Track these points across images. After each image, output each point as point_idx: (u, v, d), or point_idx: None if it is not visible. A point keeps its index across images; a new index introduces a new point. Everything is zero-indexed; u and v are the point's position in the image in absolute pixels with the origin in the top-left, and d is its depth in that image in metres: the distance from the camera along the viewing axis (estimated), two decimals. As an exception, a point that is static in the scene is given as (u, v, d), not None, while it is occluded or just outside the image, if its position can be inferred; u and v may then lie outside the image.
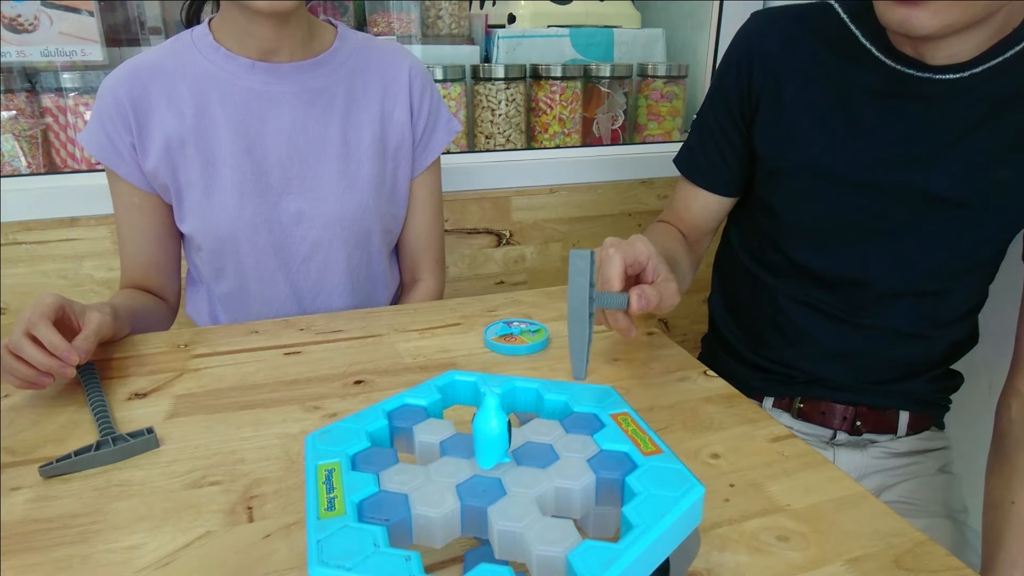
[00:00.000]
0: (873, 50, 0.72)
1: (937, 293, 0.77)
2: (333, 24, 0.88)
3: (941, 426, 0.89)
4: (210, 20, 0.84)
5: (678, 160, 0.90)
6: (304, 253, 0.87)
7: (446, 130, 0.93)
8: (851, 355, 0.82)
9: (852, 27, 0.74)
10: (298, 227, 0.85)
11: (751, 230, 0.88)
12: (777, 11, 0.81)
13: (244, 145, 0.82)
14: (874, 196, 0.75)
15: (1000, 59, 0.68)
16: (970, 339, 0.85)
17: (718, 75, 0.85)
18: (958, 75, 0.69)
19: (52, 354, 0.60)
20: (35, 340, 0.60)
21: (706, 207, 0.89)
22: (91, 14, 1.12)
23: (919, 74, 0.70)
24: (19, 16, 1.08)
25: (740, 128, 0.83)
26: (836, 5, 0.76)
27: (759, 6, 1.41)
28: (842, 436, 0.85)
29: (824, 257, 0.79)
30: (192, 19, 0.87)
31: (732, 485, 0.53)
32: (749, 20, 0.82)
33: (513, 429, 0.41)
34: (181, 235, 0.89)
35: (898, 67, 0.71)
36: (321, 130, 0.84)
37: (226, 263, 0.86)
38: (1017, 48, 0.68)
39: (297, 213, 0.85)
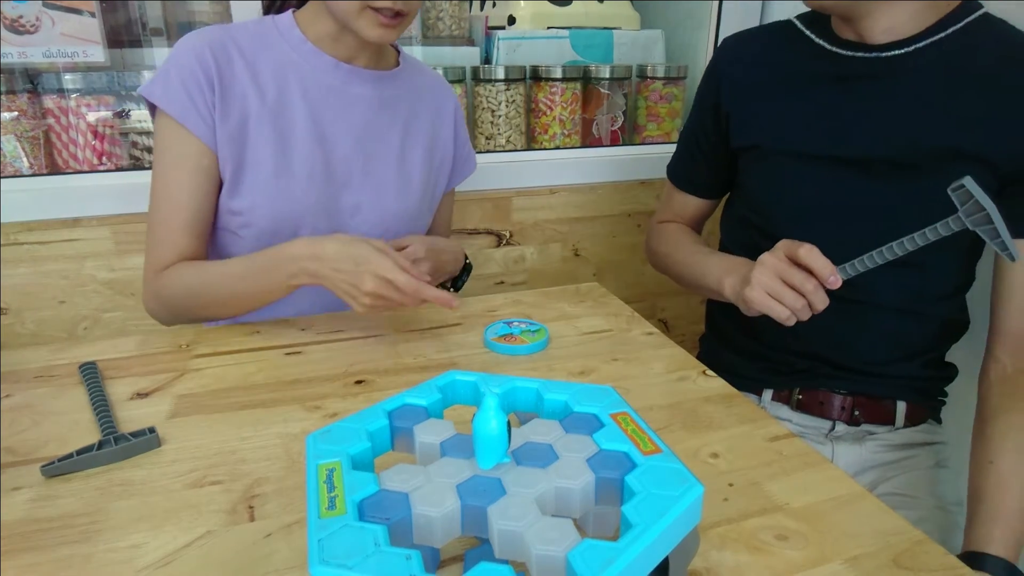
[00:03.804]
0: (825, 44, 0.82)
1: (912, 265, 0.79)
2: (394, 47, 0.94)
3: (939, 420, 0.91)
4: (294, 11, 0.86)
5: (670, 171, 1.03)
6: None
7: (470, 161, 1.04)
8: (845, 333, 0.83)
9: (807, 32, 0.85)
10: (353, 219, 0.88)
11: (739, 224, 0.92)
12: (743, 33, 0.93)
13: (317, 135, 0.85)
14: (844, 170, 0.80)
15: (943, 34, 0.75)
16: (961, 322, 0.87)
17: (696, 95, 0.97)
18: (901, 51, 0.77)
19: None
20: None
21: (699, 209, 1.02)
22: (93, 15, 1.12)
23: (867, 55, 0.79)
24: (21, 17, 1.08)
25: (713, 139, 0.94)
26: (794, 20, 0.88)
27: (758, 7, 1.42)
28: (841, 428, 0.86)
29: (804, 235, 0.81)
30: (271, 6, 0.90)
31: (731, 484, 0.53)
32: (720, 44, 0.94)
33: (513, 429, 0.41)
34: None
35: (846, 52, 0.80)
36: (385, 134, 0.90)
37: (278, 243, 0.84)
38: (961, 24, 0.75)
39: (354, 206, 0.88)
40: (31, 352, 0.74)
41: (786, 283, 0.71)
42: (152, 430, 0.57)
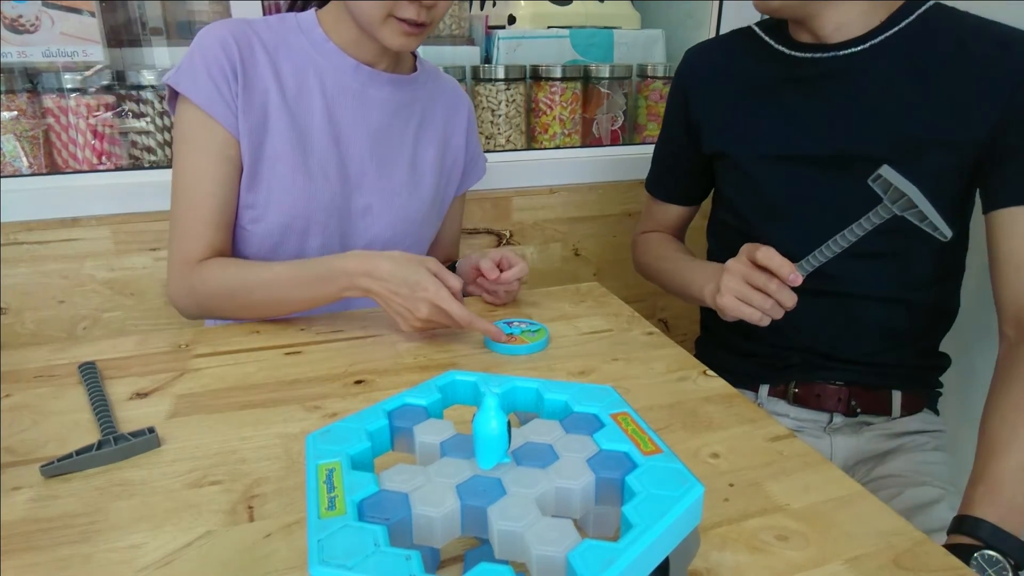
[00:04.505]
0: (784, 50, 0.85)
1: (891, 255, 0.81)
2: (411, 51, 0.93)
3: (936, 411, 0.91)
4: (316, 11, 0.86)
5: (648, 185, 1.06)
6: (362, 246, 0.90)
7: (481, 167, 1.05)
8: (834, 326, 0.84)
9: (767, 39, 0.87)
10: (363, 220, 0.89)
11: (723, 230, 0.94)
12: (705, 43, 0.96)
13: (333, 135, 0.85)
14: (816, 169, 0.82)
15: (896, 28, 0.78)
16: (950, 309, 0.88)
17: (666, 107, 1.00)
18: (858, 48, 0.79)
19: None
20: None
21: (680, 217, 1.05)
22: (92, 15, 1.12)
23: (823, 55, 0.81)
24: (20, 17, 1.08)
25: (686, 148, 0.96)
26: (754, 27, 0.90)
27: (759, 7, 1.42)
28: (839, 419, 0.87)
29: (783, 234, 0.83)
30: (293, 4, 0.91)
31: (732, 484, 0.53)
32: (683, 58, 0.96)
33: (513, 429, 0.41)
34: None
35: (804, 55, 0.82)
36: (399, 138, 0.90)
37: (289, 240, 0.86)
38: (914, 16, 0.78)
39: (365, 207, 0.89)
40: (31, 352, 0.74)
41: (752, 286, 0.73)
42: (152, 430, 0.57)
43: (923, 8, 0.78)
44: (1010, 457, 0.66)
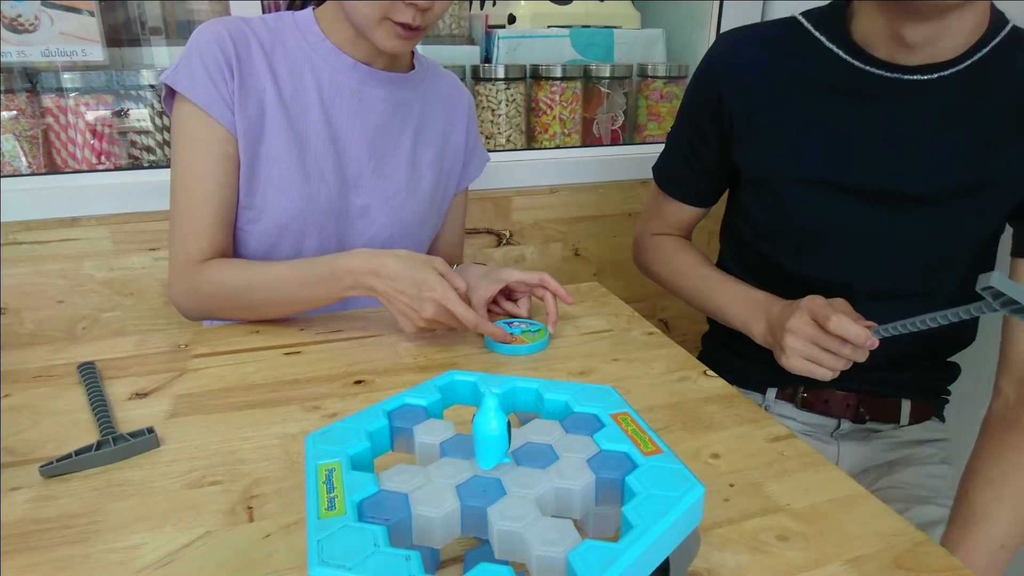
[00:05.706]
0: (840, 53, 0.75)
1: (919, 294, 0.77)
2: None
3: (942, 418, 0.91)
4: (313, 9, 0.86)
5: (658, 177, 0.96)
6: (360, 247, 0.88)
7: (482, 158, 1.03)
8: None
9: (816, 34, 0.76)
10: (360, 221, 0.88)
11: (740, 243, 0.90)
12: (743, 30, 0.84)
13: (330, 134, 0.85)
14: (849, 197, 0.76)
15: (969, 62, 0.70)
16: (966, 338, 0.86)
17: (688, 97, 0.89)
18: (926, 76, 0.71)
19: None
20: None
21: (693, 217, 0.96)
22: (92, 14, 1.12)
23: (887, 74, 0.72)
24: (20, 16, 1.08)
25: (712, 147, 0.87)
26: (800, 18, 0.79)
27: (759, 7, 1.42)
28: (846, 426, 0.86)
29: (804, 262, 0.80)
30: (291, 4, 0.90)
31: (732, 485, 0.53)
32: (716, 42, 0.85)
33: (513, 429, 0.41)
34: None
35: (865, 67, 0.73)
36: (397, 138, 0.89)
37: (286, 241, 0.85)
38: (990, 46, 0.70)
39: (363, 208, 0.88)
40: (30, 352, 0.74)
41: (822, 348, 0.69)
42: (151, 430, 0.57)
43: (1001, 35, 0.70)
44: (990, 527, 0.65)
